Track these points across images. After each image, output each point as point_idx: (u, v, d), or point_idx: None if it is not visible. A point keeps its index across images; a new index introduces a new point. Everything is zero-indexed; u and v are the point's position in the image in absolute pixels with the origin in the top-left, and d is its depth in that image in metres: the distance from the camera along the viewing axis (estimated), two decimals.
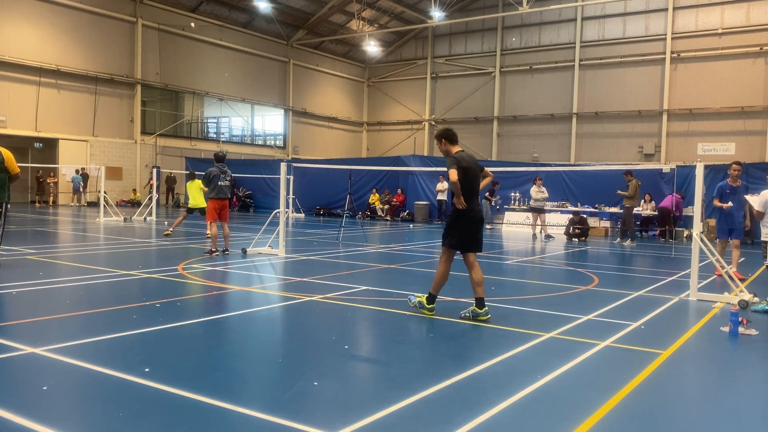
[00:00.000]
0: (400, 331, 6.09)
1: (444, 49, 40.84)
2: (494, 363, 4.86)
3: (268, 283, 9.05)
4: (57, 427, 3.42)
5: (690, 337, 6.07)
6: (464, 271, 6.64)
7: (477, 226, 6.59)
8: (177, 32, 32.36)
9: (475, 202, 6.57)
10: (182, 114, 34.25)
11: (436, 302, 6.65)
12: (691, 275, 8.15)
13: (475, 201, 6.57)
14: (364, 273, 10.00)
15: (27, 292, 7.37)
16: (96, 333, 5.48)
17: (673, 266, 11.83)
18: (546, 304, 7.50)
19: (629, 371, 4.74)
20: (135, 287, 8.06)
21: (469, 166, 6.53)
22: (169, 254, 11.87)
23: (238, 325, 6.23)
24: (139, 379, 4.21)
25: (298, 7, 35.96)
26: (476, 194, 6.60)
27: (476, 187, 6.62)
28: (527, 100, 37.03)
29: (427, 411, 3.84)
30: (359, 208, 25.36)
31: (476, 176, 6.62)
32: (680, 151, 32.15)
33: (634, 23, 33.84)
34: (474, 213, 6.53)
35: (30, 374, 4.38)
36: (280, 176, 12.03)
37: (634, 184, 17.14)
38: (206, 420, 3.60)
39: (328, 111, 41.55)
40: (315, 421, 3.59)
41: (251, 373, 4.61)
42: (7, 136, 26.05)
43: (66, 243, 13.14)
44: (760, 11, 30.45)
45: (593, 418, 3.77)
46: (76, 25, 28.30)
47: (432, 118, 40.98)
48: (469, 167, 6.51)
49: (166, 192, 31.30)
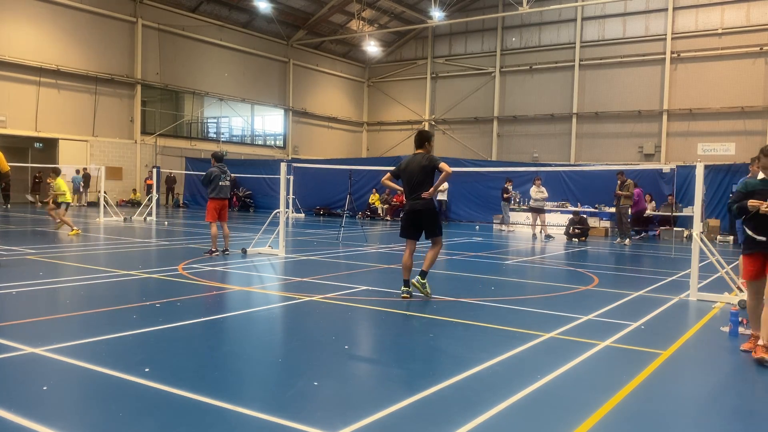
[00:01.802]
0: (400, 331, 6.09)
1: (444, 49, 40.83)
2: (494, 363, 4.86)
3: (268, 283, 9.05)
4: (57, 427, 3.42)
5: (690, 337, 6.07)
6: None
7: (410, 218, 7.73)
8: (177, 32, 32.35)
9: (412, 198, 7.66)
10: (182, 114, 34.25)
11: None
12: (691, 275, 8.15)
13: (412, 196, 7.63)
14: (364, 273, 10.00)
15: (27, 292, 7.36)
16: (96, 333, 5.48)
17: (673, 266, 11.83)
18: (546, 304, 7.50)
19: (629, 371, 4.74)
20: (135, 287, 8.06)
21: (406, 167, 7.68)
22: (169, 254, 11.87)
23: (238, 325, 6.23)
24: (139, 379, 4.21)
25: (298, 7, 35.96)
26: (412, 191, 7.63)
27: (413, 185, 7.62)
28: (527, 100, 37.02)
29: (427, 411, 3.84)
30: (359, 208, 25.35)
31: (412, 175, 7.61)
32: (680, 151, 32.14)
33: (634, 23, 33.83)
34: (408, 206, 7.73)
35: (30, 374, 4.38)
36: (280, 176, 12.03)
37: (631, 183, 17.21)
38: (206, 420, 3.59)
39: (328, 111, 41.55)
40: (315, 421, 3.58)
41: (251, 373, 4.61)
42: (7, 136, 26.10)
43: (66, 243, 13.14)
44: (760, 11, 30.45)
45: (593, 418, 3.77)
46: (76, 25, 28.29)
47: (432, 118, 40.97)
48: (406, 168, 7.68)
49: (166, 192, 31.31)
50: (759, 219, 5.33)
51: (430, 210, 7.64)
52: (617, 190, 17.29)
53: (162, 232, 16.54)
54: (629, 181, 17.27)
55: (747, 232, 5.46)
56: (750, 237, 5.46)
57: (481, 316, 6.70)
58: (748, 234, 5.47)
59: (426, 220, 7.62)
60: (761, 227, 5.37)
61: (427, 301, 7.43)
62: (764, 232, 5.37)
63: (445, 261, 11.45)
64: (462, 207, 24.58)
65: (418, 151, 7.68)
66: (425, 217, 7.61)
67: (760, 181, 5.46)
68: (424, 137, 7.76)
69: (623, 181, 17.21)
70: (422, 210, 7.58)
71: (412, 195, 7.59)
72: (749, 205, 5.27)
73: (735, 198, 5.56)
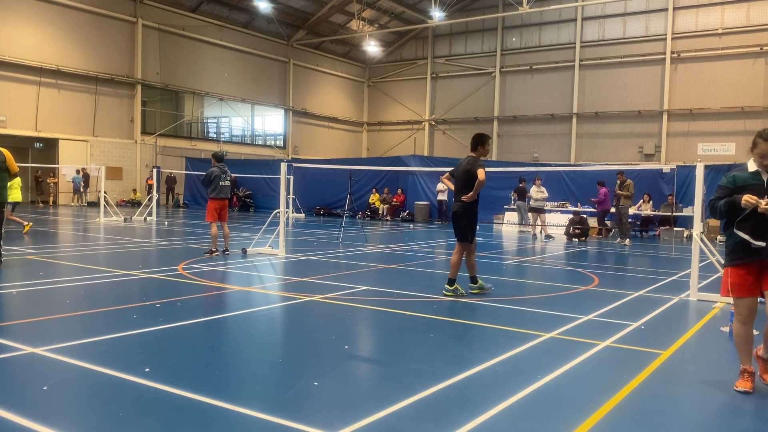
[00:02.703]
0: (400, 331, 6.09)
1: (444, 49, 40.84)
2: (494, 363, 4.86)
3: (268, 283, 9.05)
4: (57, 427, 3.42)
5: (690, 337, 6.07)
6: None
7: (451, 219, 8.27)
8: (177, 32, 32.36)
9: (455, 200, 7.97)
10: (182, 114, 34.25)
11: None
12: (691, 275, 8.15)
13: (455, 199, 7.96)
14: (364, 273, 10.00)
15: (27, 292, 7.37)
16: (96, 333, 5.48)
17: (673, 266, 11.83)
18: (546, 304, 7.50)
19: (629, 371, 4.74)
20: (135, 287, 8.06)
21: (456, 168, 8.03)
22: (169, 254, 11.87)
23: (238, 325, 6.23)
24: (139, 379, 4.21)
25: (298, 7, 35.96)
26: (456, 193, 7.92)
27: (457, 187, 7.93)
28: (527, 100, 37.02)
29: (427, 411, 3.84)
30: (359, 208, 25.36)
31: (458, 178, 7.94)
32: (680, 151, 32.14)
33: (634, 23, 33.83)
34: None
35: (30, 374, 4.38)
36: (280, 176, 12.03)
37: (630, 183, 17.23)
38: (206, 420, 3.60)
39: (328, 111, 41.55)
40: (315, 421, 3.58)
41: (251, 373, 4.61)
42: (7, 136, 26.07)
43: (66, 243, 13.14)
44: (760, 11, 30.45)
45: (593, 418, 3.77)
46: (76, 25, 28.30)
47: (432, 118, 40.98)
48: (455, 170, 8.03)
49: (167, 192, 31.30)
50: (757, 219, 4.20)
51: (461, 214, 7.83)
52: (617, 190, 17.31)
53: (162, 232, 16.54)
54: (629, 181, 17.30)
55: (740, 235, 4.29)
56: (743, 243, 4.28)
57: (481, 316, 6.70)
58: (739, 239, 4.30)
59: (456, 223, 7.94)
60: (760, 230, 4.23)
61: (427, 301, 7.43)
62: (764, 235, 4.22)
63: (445, 261, 11.44)
64: None
65: (470, 154, 7.87)
66: (456, 220, 7.92)
67: (752, 175, 4.34)
68: (476, 140, 7.87)
69: (623, 181, 17.24)
70: (455, 212, 7.90)
71: (456, 197, 7.87)
72: (743, 203, 4.14)
73: (720, 194, 4.41)
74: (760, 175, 4.32)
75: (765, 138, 4.22)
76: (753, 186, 4.29)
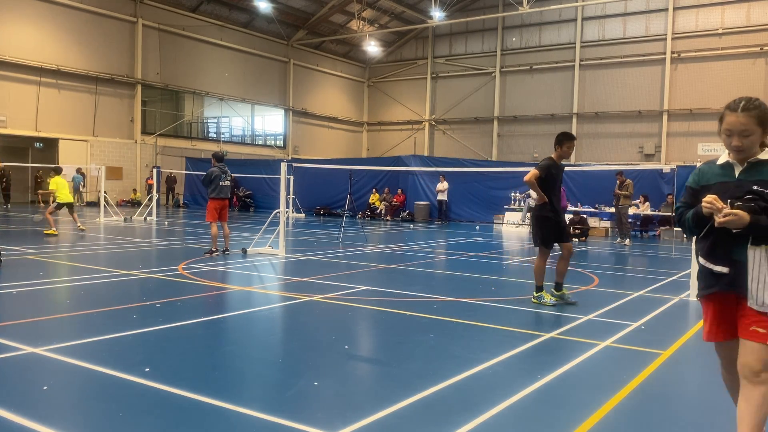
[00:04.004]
0: (400, 331, 6.09)
1: (444, 49, 40.83)
2: (494, 363, 4.86)
3: (268, 283, 9.05)
4: (57, 427, 3.43)
5: (690, 337, 6.07)
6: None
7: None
8: (177, 32, 32.35)
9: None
10: (182, 114, 34.24)
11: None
12: (692, 275, 8.14)
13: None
14: (364, 273, 10.00)
15: (27, 292, 7.37)
16: (96, 333, 5.48)
17: (673, 266, 11.83)
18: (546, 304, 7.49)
19: (629, 371, 4.74)
20: (135, 287, 8.06)
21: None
22: (170, 254, 11.87)
23: (238, 325, 6.23)
24: (139, 379, 4.21)
25: (298, 7, 35.96)
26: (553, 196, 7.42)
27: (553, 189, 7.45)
28: (527, 100, 37.02)
29: (427, 411, 3.84)
30: (359, 208, 25.36)
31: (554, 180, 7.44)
32: (680, 152, 32.14)
33: (634, 23, 33.83)
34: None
35: (30, 374, 4.38)
36: (280, 176, 12.04)
37: (630, 183, 17.24)
38: (206, 420, 3.60)
39: (328, 111, 41.55)
40: (315, 421, 3.59)
41: (251, 373, 4.61)
42: (7, 136, 26.10)
43: (66, 243, 13.14)
44: (760, 11, 30.45)
45: (593, 418, 3.77)
46: (76, 25, 28.30)
47: (432, 118, 40.98)
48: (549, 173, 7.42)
49: (167, 192, 31.30)
50: (718, 234, 2.92)
51: (532, 217, 7.68)
52: (616, 190, 17.30)
53: (162, 232, 16.54)
54: (628, 181, 17.28)
55: (699, 261, 3.11)
56: (706, 269, 3.06)
57: (481, 316, 6.70)
58: (701, 265, 3.09)
59: (531, 227, 7.89)
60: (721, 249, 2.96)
61: (428, 301, 7.43)
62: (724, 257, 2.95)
63: (445, 261, 11.46)
64: (462, 207, 24.57)
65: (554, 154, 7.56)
66: (531, 224, 7.85)
67: (721, 169, 3.04)
68: (555, 140, 7.44)
69: (622, 181, 17.23)
70: (532, 215, 7.74)
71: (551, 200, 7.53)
72: (703, 208, 2.86)
73: (686, 199, 3.14)
74: (732, 169, 3.00)
75: (732, 108, 2.93)
76: (722, 184, 2.98)
